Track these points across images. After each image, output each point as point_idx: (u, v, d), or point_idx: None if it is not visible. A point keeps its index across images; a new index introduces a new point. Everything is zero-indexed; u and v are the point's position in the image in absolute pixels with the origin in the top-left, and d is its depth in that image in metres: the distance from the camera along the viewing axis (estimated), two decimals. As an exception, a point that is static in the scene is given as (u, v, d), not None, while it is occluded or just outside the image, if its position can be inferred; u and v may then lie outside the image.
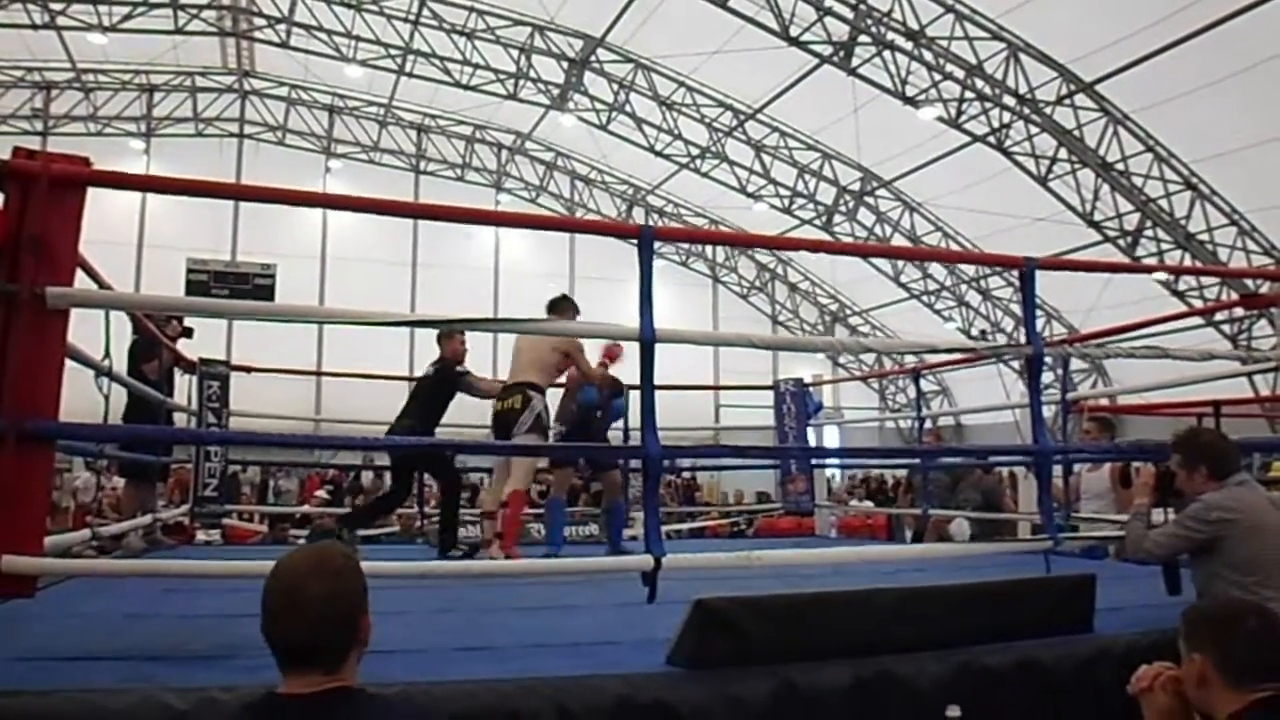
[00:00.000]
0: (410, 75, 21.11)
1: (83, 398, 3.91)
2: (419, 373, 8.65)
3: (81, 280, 3.30)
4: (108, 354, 4.19)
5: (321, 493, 13.67)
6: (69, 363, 3.17)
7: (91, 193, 3.11)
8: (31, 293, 2.87)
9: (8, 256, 2.90)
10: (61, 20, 18.56)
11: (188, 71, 22.40)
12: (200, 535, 8.58)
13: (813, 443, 9.75)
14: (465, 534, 7.87)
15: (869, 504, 16.36)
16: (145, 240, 22.42)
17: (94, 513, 6.57)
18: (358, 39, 19.82)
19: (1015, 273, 4.80)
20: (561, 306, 6.65)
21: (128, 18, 18.61)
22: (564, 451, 7.12)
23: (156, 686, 2.53)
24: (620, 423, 7.71)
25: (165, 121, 23.35)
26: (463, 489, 7.79)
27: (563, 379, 7.00)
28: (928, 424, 12.43)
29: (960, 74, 15.70)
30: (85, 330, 3.44)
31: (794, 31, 15.91)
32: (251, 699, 1.91)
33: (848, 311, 26.62)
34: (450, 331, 6.90)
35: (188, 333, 7.32)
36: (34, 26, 18.58)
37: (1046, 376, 5.48)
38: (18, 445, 2.83)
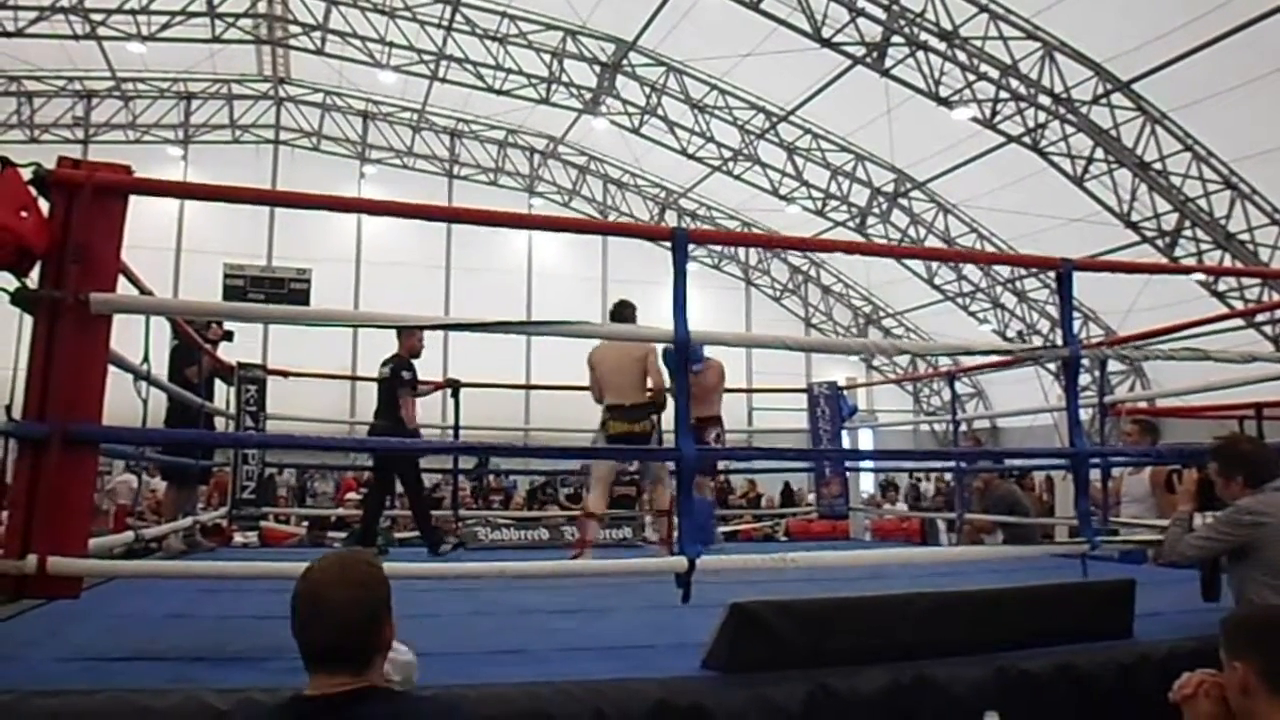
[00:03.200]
0: (443, 80, 21.23)
1: (124, 402, 3.97)
2: (453, 375, 8.76)
3: (123, 286, 3.34)
4: (146, 358, 4.25)
5: (354, 495, 13.77)
6: (110, 367, 3.22)
7: (131, 199, 3.15)
8: (76, 299, 2.92)
9: (53, 263, 2.95)
10: (102, 30, 18.84)
11: (224, 79, 22.68)
12: (238, 537, 8.67)
13: (847, 446, 9.68)
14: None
15: (903, 508, 16.26)
16: (183, 245, 22.71)
17: (135, 515, 6.65)
18: (391, 45, 19.98)
19: (1051, 274, 4.77)
20: (628, 313, 6.69)
21: (166, 26, 18.84)
22: (605, 454, 7.13)
23: (199, 687, 2.57)
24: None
25: (202, 128, 23.65)
26: (424, 490, 7.93)
27: None
28: (963, 427, 12.30)
29: (995, 74, 15.57)
30: (125, 335, 3.49)
31: (826, 33, 15.86)
32: (279, 702, 1.97)
33: (881, 314, 26.49)
34: (411, 329, 7.02)
35: (228, 336, 7.41)
36: (75, 37, 18.89)
37: (1084, 379, 5.44)
38: (62, 448, 2.87)
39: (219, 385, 7.52)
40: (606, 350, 6.56)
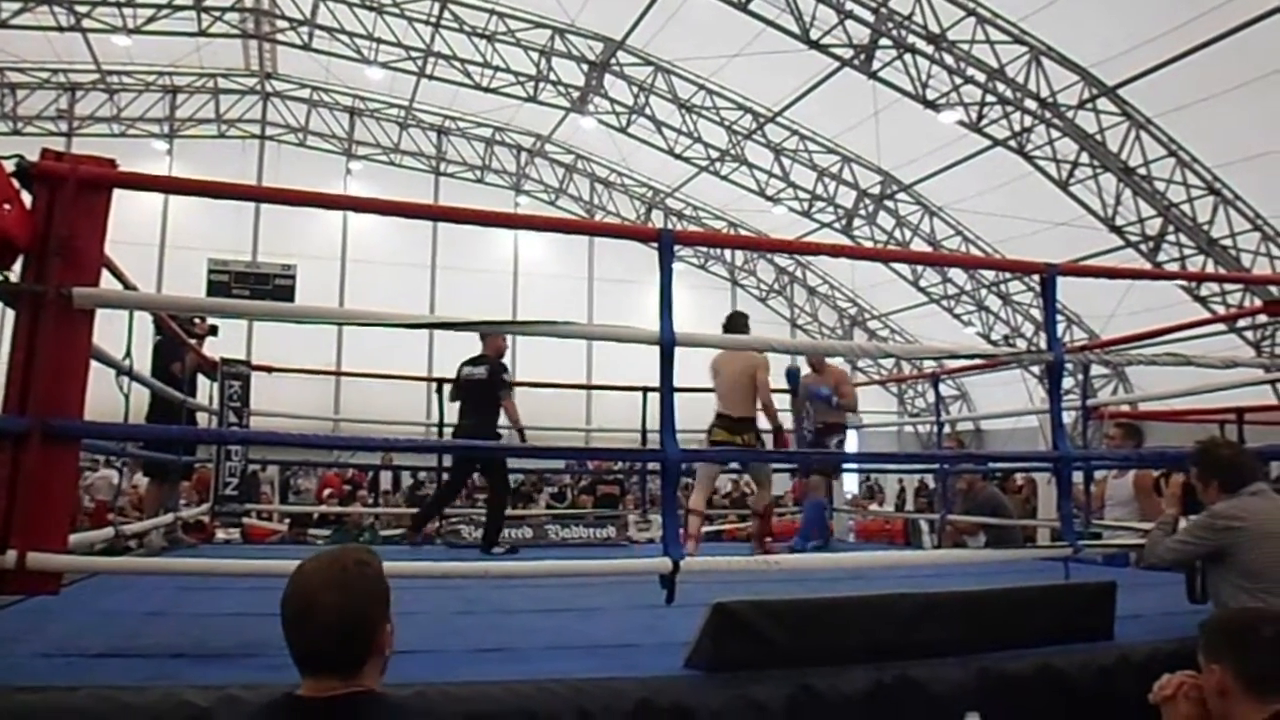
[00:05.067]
0: (431, 77, 21.18)
1: (106, 397, 3.94)
2: (438, 374, 8.72)
3: (106, 280, 3.32)
4: (129, 354, 4.23)
5: (327, 491, 13.75)
6: (93, 362, 3.19)
7: (115, 193, 3.13)
8: (58, 293, 2.90)
9: (35, 257, 2.93)
10: (87, 23, 18.71)
11: (210, 73, 22.56)
12: (220, 534, 8.62)
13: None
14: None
15: (888, 509, 16.28)
16: (167, 240, 22.58)
17: (116, 511, 6.60)
18: (379, 41, 19.91)
19: (1036, 278, 4.80)
20: (741, 324, 6.81)
21: (152, 20, 18.75)
22: (593, 455, 7.19)
23: (179, 684, 2.56)
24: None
25: (188, 123, 23.53)
26: (510, 491, 7.97)
27: None
28: (947, 429, 12.34)
29: (981, 77, 15.63)
30: (108, 330, 3.46)
31: (814, 34, 15.89)
32: (271, 698, 1.93)
33: (867, 315, 26.55)
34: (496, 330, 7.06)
35: (213, 331, 7.38)
36: (60, 29, 18.75)
37: (1067, 382, 5.46)
38: (43, 444, 2.85)
39: (202, 381, 7.48)
40: (725, 361, 6.73)
